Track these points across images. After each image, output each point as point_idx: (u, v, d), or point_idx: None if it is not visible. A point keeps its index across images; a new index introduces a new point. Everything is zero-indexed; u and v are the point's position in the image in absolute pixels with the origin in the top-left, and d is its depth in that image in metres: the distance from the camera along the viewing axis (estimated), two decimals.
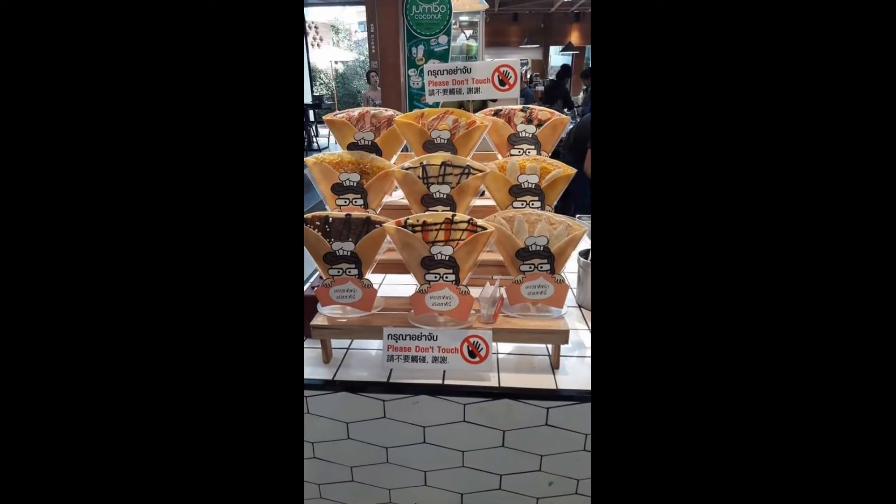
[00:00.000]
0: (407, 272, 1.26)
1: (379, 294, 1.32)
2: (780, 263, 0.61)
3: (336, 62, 16.01)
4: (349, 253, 1.23)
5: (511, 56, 14.09)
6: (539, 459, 1.24)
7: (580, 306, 1.58)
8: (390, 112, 1.47)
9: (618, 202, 0.66)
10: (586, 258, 1.54)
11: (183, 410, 0.66)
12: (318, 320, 1.28)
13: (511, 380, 1.23)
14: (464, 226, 1.19)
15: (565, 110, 7.31)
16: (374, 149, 1.41)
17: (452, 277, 1.20)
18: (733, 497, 0.63)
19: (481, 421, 1.22)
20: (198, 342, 0.66)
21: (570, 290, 1.52)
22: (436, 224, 1.19)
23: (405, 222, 1.19)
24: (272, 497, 0.68)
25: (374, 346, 1.39)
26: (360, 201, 1.36)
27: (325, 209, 1.36)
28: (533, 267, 1.25)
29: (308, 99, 13.16)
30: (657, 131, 0.64)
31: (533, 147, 1.45)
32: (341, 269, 1.25)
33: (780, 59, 0.60)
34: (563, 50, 14.16)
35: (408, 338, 1.23)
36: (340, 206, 1.36)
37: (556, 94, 7.92)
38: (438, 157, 1.31)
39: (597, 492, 0.68)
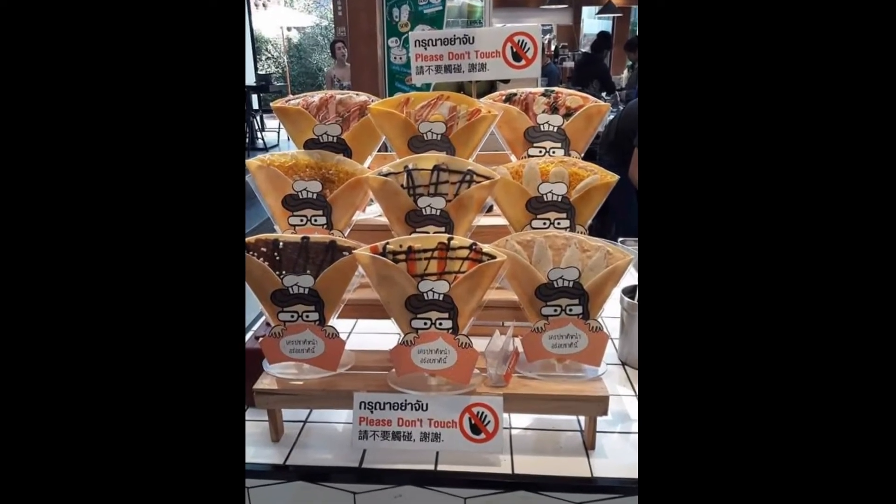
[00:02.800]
0: (386, 317, 1.26)
1: (348, 347, 1.31)
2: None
3: (289, 29, 16.17)
4: (307, 290, 1.23)
5: (529, 20, 14.23)
6: None
7: (624, 364, 1.58)
8: (363, 97, 1.48)
9: (675, 221, 0.67)
10: (632, 297, 1.55)
11: None
12: (264, 383, 1.28)
13: (529, 464, 1.22)
14: (464, 253, 1.20)
15: (604, 94, 7.39)
16: (340, 147, 1.42)
17: (449, 324, 1.20)
18: None
19: None
20: (101, 414, 0.66)
21: (609, 342, 1.52)
22: (426, 251, 1.20)
23: (384, 248, 1.20)
24: None
25: (342, 417, 1.38)
26: (323, 219, 1.37)
27: (274, 230, 1.36)
28: (559, 310, 1.26)
29: (250, 79, 13.26)
30: (729, 123, 0.64)
31: (559, 145, 1.47)
32: (296, 312, 1.25)
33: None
34: (600, 12, 14.32)
35: (388, 407, 1.22)
36: (295, 225, 1.37)
37: (590, 73, 8.02)
38: (429, 160, 1.32)
39: None
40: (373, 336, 1.66)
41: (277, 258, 1.24)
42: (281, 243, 1.24)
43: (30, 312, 0.65)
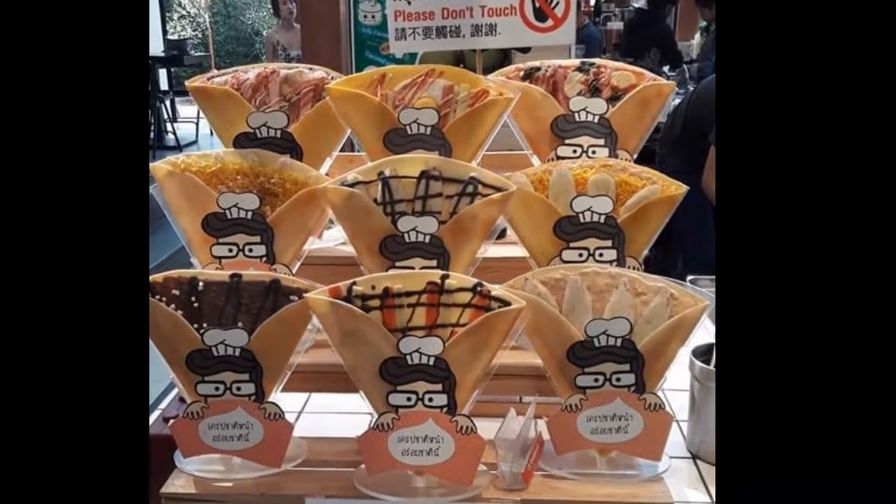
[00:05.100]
0: (353, 389, 1.26)
1: (297, 433, 1.31)
2: None
3: None
4: (238, 351, 1.23)
5: None
6: None
7: (695, 457, 1.58)
8: (319, 73, 1.50)
9: (767, 252, 0.67)
10: (707, 362, 1.55)
11: None
12: (176, 485, 1.27)
13: None
14: (465, 297, 1.20)
15: (666, 69, 7.43)
16: (287, 145, 1.44)
17: (443, 400, 1.20)
18: None
19: None
20: None
21: (674, 425, 1.52)
22: (410, 294, 1.20)
23: (349, 291, 1.20)
24: None
25: None
26: (261, 248, 1.37)
27: (192, 264, 1.36)
28: (602, 379, 1.26)
29: (156, 48, 13.33)
30: (844, 110, 0.65)
31: (602, 142, 1.48)
32: (223, 383, 1.25)
33: None
34: None
35: None
36: (221, 258, 1.37)
37: (647, 38, 8.06)
38: (415, 163, 1.33)
39: None
40: (333, 417, 1.66)
41: (196, 305, 1.24)
42: (201, 284, 1.24)
43: None
